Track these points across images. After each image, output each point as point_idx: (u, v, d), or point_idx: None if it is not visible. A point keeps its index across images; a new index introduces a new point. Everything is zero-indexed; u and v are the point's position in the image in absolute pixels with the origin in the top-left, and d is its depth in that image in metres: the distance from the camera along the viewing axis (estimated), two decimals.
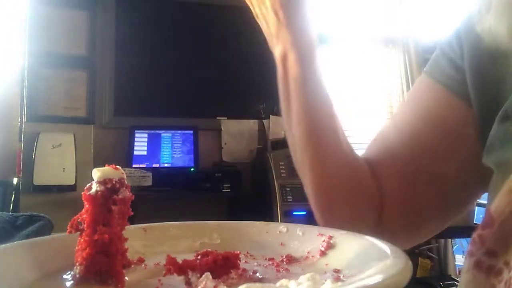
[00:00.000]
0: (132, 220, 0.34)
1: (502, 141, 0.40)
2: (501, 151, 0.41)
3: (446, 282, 2.40)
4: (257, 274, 0.32)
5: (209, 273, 0.27)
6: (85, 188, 0.31)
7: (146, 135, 2.58)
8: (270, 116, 2.82)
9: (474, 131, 0.46)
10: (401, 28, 3.20)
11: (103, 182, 0.31)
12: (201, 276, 0.28)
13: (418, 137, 0.52)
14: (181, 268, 0.29)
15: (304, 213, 2.26)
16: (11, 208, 2.31)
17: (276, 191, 2.30)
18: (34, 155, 2.31)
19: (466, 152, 0.48)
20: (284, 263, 0.35)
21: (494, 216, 0.32)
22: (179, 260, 0.29)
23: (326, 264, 0.33)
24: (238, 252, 0.32)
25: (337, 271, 0.31)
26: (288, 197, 2.29)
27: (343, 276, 0.30)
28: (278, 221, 2.18)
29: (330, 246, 0.35)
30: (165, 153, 2.58)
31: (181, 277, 0.32)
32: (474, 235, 0.34)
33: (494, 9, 0.40)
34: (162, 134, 2.61)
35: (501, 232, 0.32)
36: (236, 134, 2.78)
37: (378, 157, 0.55)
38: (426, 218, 0.53)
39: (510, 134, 0.40)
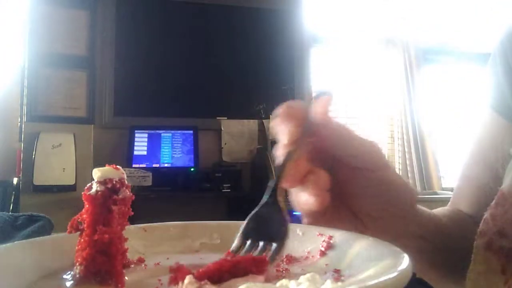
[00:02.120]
0: (132, 220, 0.34)
1: None
2: None
3: None
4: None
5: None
6: (85, 188, 0.31)
7: (146, 135, 2.58)
8: (270, 116, 2.82)
9: None
10: (401, 28, 3.19)
11: (103, 182, 0.31)
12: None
13: (493, 168, 0.50)
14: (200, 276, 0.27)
15: None
16: (11, 208, 2.31)
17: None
18: (34, 155, 2.31)
19: None
20: (284, 263, 0.35)
21: (506, 195, 0.32)
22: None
23: (326, 264, 0.33)
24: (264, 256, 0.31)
25: (337, 271, 0.31)
26: (288, 197, 2.29)
27: (343, 276, 0.30)
28: None
29: (330, 246, 0.35)
30: (165, 153, 2.58)
31: None
32: (486, 214, 0.33)
33: None
34: (162, 134, 2.61)
35: (511, 212, 0.32)
36: (236, 134, 2.78)
37: (475, 205, 0.52)
38: None
39: None
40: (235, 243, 0.35)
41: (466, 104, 3.37)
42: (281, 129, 0.35)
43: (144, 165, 2.51)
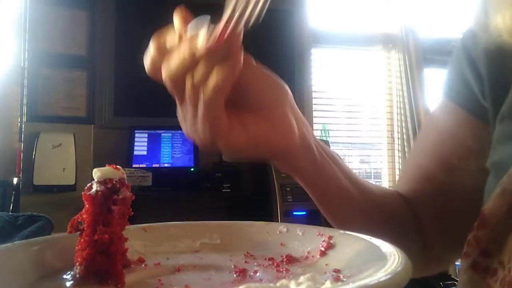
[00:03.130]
0: (132, 220, 0.34)
1: (499, 142, 0.41)
2: (497, 152, 0.41)
3: (446, 282, 2.39)
4: (257, 274, 0.32)
5: None
6: (85, 188, 0.31)
7: (146, 135, 2.58)
8: None
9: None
10: (401, 28, 3.19)
11: (103, 182, 0.31)
12: None
13: (448, 159, 0.53)
14: None
15: (304, 213, 2.26)
16: (11, 208, 2.31)
17: (276, 191, 2.30)
18: (34, 155, 2.32)
19: None
20: (284, 263, 0.35)
21: (488, 218, 0.32)
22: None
23: (326, 264, 0.33)
24: None
25: (337, 271, 0.31)
26: (288, 197, 2.29)
27: (343, 276, 0.30)
28: (278, 221, 2.18)
29: (330, 246, 0.35)
30: (165, 153, 2.58)
31: (181, 277, 0.32)
32: (470, 236, 0.34)
33: (490, 8, 0.40)
34: (162, 134, 2.61)
35: (495, 233, 0.32)
36: None
37: (415, 184, 0.56)
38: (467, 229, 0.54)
39: (504, 135, 0.40)
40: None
41: None
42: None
43: (144, 165, 2.51)
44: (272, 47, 2.87)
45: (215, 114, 0.38)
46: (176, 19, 0.40)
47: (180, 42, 0.38)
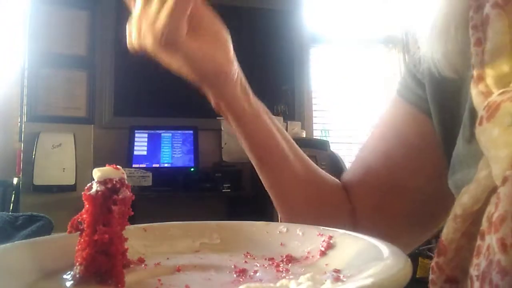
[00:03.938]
0: (132, 220, 0.34)
1: (466, 163, 0.39)
2: (458, 174, 0.40)
3: None
4: (257, 274, 0.32)
5: None
6: (86, 188, 0.31)
7: (146, 135, 2.58)
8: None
9: (440, 147, 0.47)
10: (401, 28, 3.19)
11: (103, 182, 0.31)
12: None
13: (390, 154, 0.53)
14: None
15: None
16: (11, 208, 2.31)
17: None
18: (34, 155, 2.32)
19: (433, 167, 0.49)
20: (284, 263, 0.35)
21: (445, 244, 0.32)
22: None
23: (326, 264, 0.33)
24: None
25: (337, 271, 0.31)
26: None
27: (343, 276, 0.30)
28: (278, 221, 2.17)
29: (330, 246, 0.35)
30: (165, 153, 2.58)
31: (181, 277, 0.32)
32: (432, 263, 0.33)
33: (425, 39, 0.40)
34: (162, 134, 2.61)
35: (457, 260, 0.31)
36: (236, 134, 2.78)
37: (356, 176, 0.57)
38: (400, 230, 0.54)
39: (467, 157, 0.39)
40: None
41: None
42: None
43: (144, 165, 2.51)
44: (271, 47, 2.87)
45: (182, 12, 0.44)
46: None
47: None
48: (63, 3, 2.55)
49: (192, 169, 2.58)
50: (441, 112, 0.46)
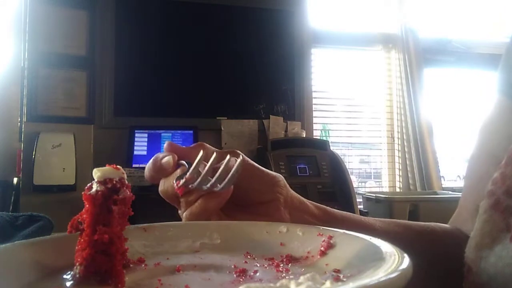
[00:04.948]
0: (132, 220, 0.34)
1: None
2: None
3: None
4: (257, 274, 0.32)
5: None
6: (85, 188, 0.31)
7: (146, 135, 2.58)
8: (270, 116, 2.82)
9: None
10: (401, 28, 3.19)
11: (103, 182, 0.31)
12: None
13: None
14: None
15: None
16: (11, 208, 2.31)
17: None
18: (34, 155, 2.31)
19: None
20: (284, 263, 0.35)
21: None
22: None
23: (326, 264, 0.33)
24: None
25: (337, 271, 0.31)
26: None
27: (343, 276, 0.30)
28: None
29: (330, 246, 0.35)
30: None
31: (181, 277, 0.32)
32: (496, 174, 0.33)
33: None
34: (162, 134, 2.61)
35: None
36: (236, 134, 2.78)
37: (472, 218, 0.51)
38: None
39: None
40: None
41: (466, 104, 3.37)
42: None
43: (144, 165, 2.50)
44: (272, 47, 2.87)
45: (217, 205, 0.43)
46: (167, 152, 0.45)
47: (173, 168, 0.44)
48: (63, 3, 2.55)
49: None
50: None
